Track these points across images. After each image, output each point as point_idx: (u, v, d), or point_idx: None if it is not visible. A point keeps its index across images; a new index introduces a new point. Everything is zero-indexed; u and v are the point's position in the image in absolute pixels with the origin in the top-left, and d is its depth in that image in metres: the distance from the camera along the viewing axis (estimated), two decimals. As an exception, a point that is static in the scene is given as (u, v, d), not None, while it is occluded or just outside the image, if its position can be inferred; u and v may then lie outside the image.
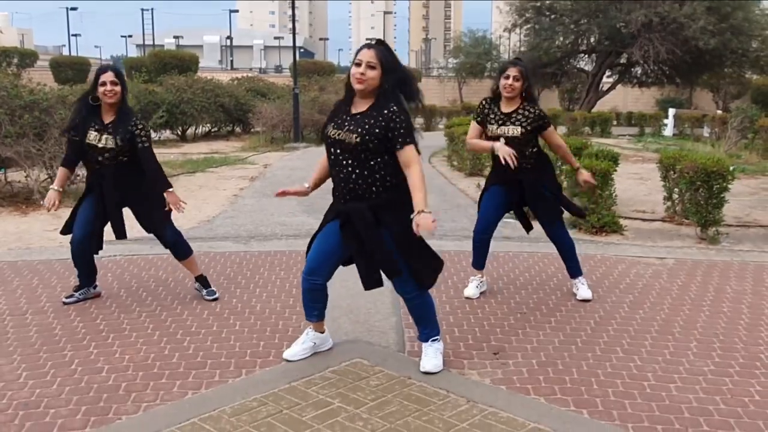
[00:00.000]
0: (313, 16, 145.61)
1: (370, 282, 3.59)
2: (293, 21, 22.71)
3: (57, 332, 4.23)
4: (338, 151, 3.49)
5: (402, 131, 3.41)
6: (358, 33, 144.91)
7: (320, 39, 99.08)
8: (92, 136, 4.57)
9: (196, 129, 21.12)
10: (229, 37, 67.26)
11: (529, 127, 4.69)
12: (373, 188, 3.47)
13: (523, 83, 4.67)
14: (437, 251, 3.71)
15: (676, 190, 7.77)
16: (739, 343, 4.15)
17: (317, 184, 3.79)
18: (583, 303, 4.88)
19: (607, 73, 30.93)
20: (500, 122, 4.72)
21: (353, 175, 3.47)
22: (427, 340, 3.75)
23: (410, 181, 3.42)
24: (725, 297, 5.07)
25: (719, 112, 27.91)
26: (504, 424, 3.12)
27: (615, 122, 29.05)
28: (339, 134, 3.46)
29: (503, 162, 4.48)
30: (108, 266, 5.74)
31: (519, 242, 6.80)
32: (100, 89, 4.52)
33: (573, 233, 7.14)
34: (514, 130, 4.69)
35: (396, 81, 3.46)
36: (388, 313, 4.60)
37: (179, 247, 4.87)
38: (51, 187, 4.73)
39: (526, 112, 4.72)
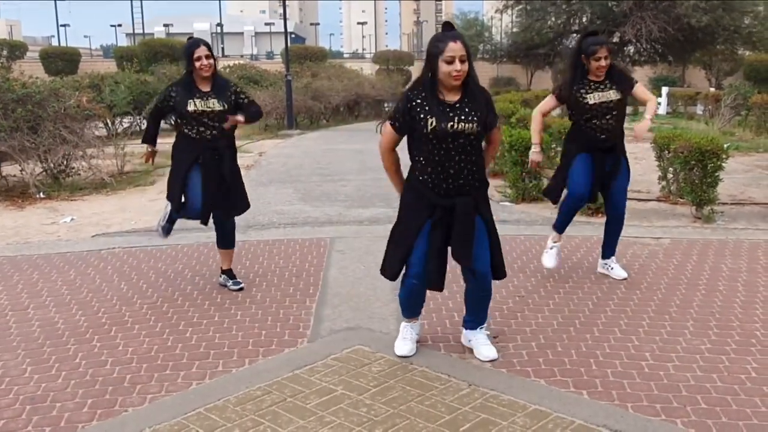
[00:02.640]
0: (303, 1, 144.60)
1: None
2: (284, 6, 22.57)
3: (59, 326, 4.25)
4: (451, 145, 3.37)
5: (494, 112, 3.53)
6: (349, 17, 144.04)
7: (311, 24, 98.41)
8: (196, 103, 4.61)
9: (189, 118, 21.03)
10: (220, 24, 66.88)
11: (625, 91, 4.74)
12: (476, 182, 3.51)
13: (611, 58, 4.68)
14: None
15: (670, 169, 7.81)
16: (735, 321, 4.20)
17: None
18: (580, 285, 4.93)
19: (600, 52, 30.83)
20: (597, 89, 4.70)
21: (465, 170, 3.43)
22: (475, 328, 3.78)
23: (488, 151, 3.67)
24: (721, 275, 5.12)
25: (712, 89, 27.90)
26: (506, 407, 3.17)
27: (608, 102, 28.93)
28: (454, 126, 3.34)
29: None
30: (107, 258, 5.76)
31: (516, 225, 6.85)
32: (197, 64, 4.61)
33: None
34: (615, 95, 4.71)
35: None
36: (388, 300, 4.64)
37: (233, 236, 4.99)
38: (148, 149, 4.97)
39: (618, 76, 4.76)
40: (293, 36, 76.74)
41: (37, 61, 41.29)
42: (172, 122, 4.86)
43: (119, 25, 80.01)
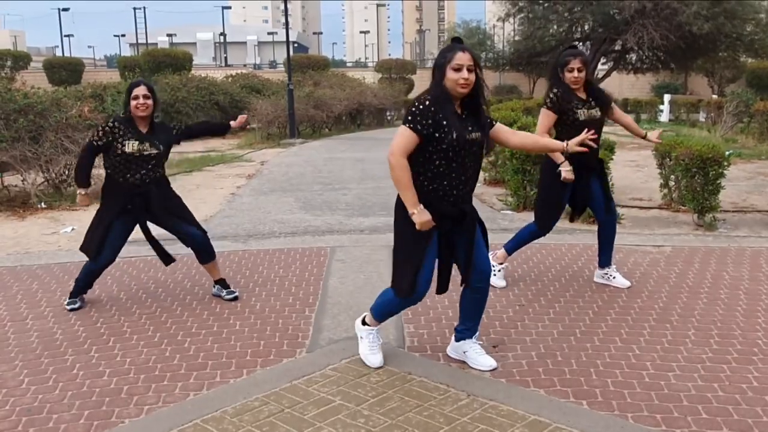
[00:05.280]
0: (306, 10, 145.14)
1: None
2: (286, 16, 22.63)
3: (58, 337, 4.24)
4: (469, 153, 3.39)
5: (489, 114, 3.57)
6: (352, 26, 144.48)
7: (314, 33, 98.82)
8: (133, 145, 4.57)
9: (191, 127, 21.08)
10: (223, 34, 67.09)
11: (605, 109, 4.78)
12: (473, 191, 3.55)
13: (586, 71, 4.69)
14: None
15: (672, 177, 7.79)
16: (737, 330, 4.17)
17: None
18: (581, 293, 4.91)
19: (602, 60, 30.95)
20: (586, 107, 4.71)
21: (473, 177, 3.49)
22: (471, 337, 3.77)
23: (527, 136, 3.81)
24: (723, 283, 5.09)
25: (715, 96, 27.88)
26: (504, 417, 3.15)
27: (611, 109, 28.98)
28: (471, 136, 3.37)
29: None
30: (107, 269, 5.74)
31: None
32: (133, 103, 4.56)
33: (569, 223, 7.17)
34: (597, 113, 4.75)
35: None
36: (388, 309, 4.61)
37: (209, 248, 4.91)
38: (81, 192, 4.85)
39: (600, 93, 4.80)
40: (296, 45, 77.02)
41: (40, 72, 41.49)
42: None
43: (123, 35, 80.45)
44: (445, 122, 3.30)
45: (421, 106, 3.31)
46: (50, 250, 6.54)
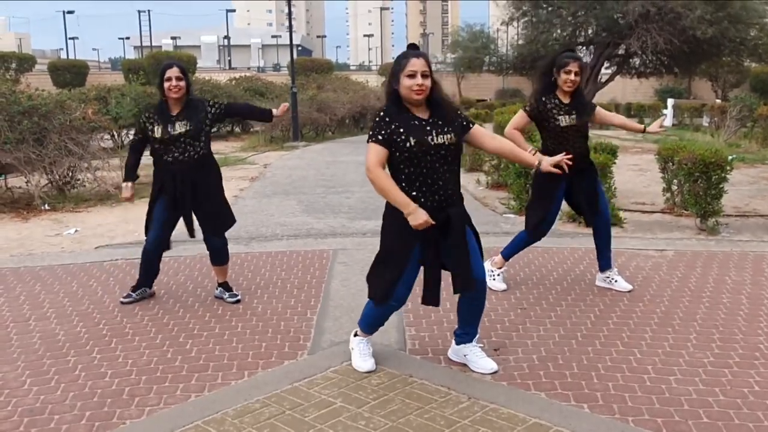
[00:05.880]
0: (310, 13, 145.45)
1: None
2: (290, 19, 22.68)
3: (60, 338, 4.25)
4: (435, 157, 3.37)
5: (466, 116, 3.60)
6: (356, 30, 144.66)
7: (318, 36, 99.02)
8: (160, 130, 4.60)
9: (195, 130, 21.11)
10: (227, 37, 67.22)
11: (588, 115, 4.77)
12: (459, 193, 3.52)
13: (582, 77, 4.68)
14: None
15: (675, 181, 7.79)
16: (739, 334, 4.17)
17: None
18: (583, 297, 4.90)
19: (606, 64, 30.89)
20: (567, 113, 4.70)
21: (451, 180, 3.45)
22: (471, 341, 3.77)
23: (505, 143, 3.75)
24: (725, 288, 5.09)
25: (718, 101, 27.91)
26: (505, 420, 3.15)
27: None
28: (434, 140, 3.35)
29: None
30: (109, 270, 5.77)
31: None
32: (166, 84, 4.60)
33: (572, 227, 7.17)
34: (581, 120, 4.74)
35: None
36: (389, 312, 4.61)
37: (224, 253, 4.94)
38: (125, 184, 4.89)
39: (583, 100, 4.80)
40: (300, 48, 77.16)
41: (45, 74, 41.67)
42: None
43: (127, 38, 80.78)
44: (402, 130, 3.34)
45: (377, 119, 3.42)
46: (53, 252, 6.56)
